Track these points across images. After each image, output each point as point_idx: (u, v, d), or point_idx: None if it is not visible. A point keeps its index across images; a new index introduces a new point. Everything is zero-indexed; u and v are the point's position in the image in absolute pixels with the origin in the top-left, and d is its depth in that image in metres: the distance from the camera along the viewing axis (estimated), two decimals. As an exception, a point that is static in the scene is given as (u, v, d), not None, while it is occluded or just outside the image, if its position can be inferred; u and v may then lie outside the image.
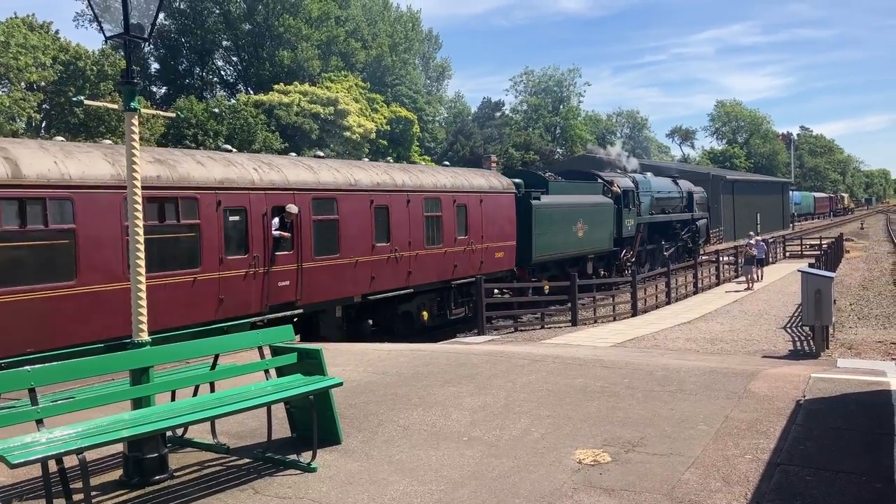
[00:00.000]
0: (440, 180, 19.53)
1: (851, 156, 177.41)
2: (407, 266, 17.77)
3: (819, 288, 13.91)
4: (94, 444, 4.81)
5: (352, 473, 5.94)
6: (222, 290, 13.09)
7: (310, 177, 15.34)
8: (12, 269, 10.17)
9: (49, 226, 10.63)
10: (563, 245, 24.80)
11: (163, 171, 12.33)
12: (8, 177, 10.15)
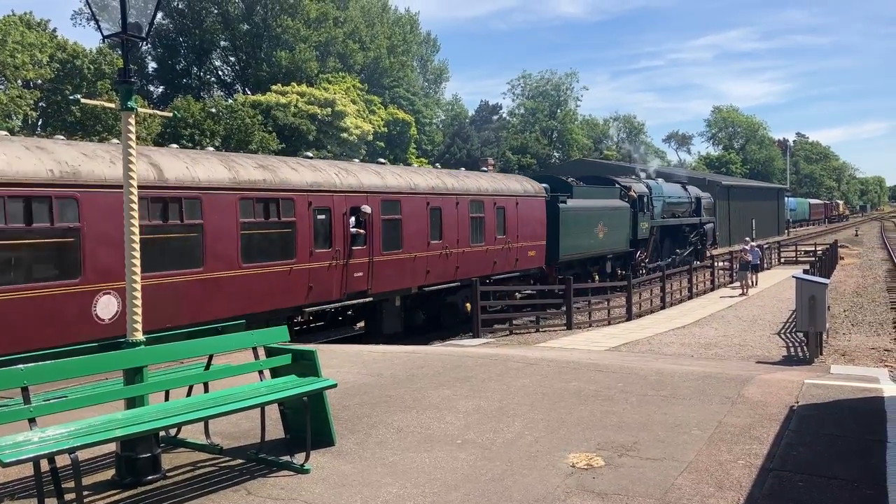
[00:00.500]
0: (483, 185, 21.57)
1: (847, 163, 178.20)
2: (455, 261, 19.71)
3: (813, 294, 13.94)
4: (87, 443, 4.80)
5: (345, 475, 5.93)
6: (311, 279, 15.18)
7: (379, 181, 17.39)
8: (157, 258, 11.85)
9: (184, 221, 12.74)
10: (586, 245, 26.70)
11: (267, 176, 14.48)
12: (155, 180, 12.19)
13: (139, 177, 10.05)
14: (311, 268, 15.12)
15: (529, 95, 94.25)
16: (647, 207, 31.74)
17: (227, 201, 13.44)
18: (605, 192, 29.51)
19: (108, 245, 11.19)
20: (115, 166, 11.58)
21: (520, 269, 22.63)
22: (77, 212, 11.12)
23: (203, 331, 6.97)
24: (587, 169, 49.36)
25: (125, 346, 5.76)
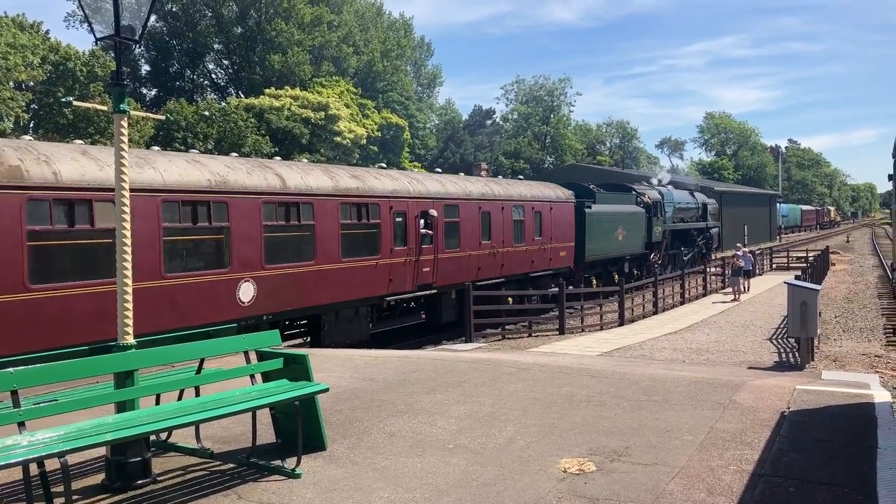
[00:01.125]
0: (523, 191, 24.16)
1: (838, 169, 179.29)
2: (501, 260, 22.29)
3: (805, 300, 13.99)
4: (77, 447, 4.77)
5: (336, 480, 5.91)
6: (392, 272, 17.73)
7: (441, 188, 20.05)
8: (280, 252, 14.76)
9: (301, 222, 15.36)
10: (608, 247, 29.14)
11: (359, 184, 17.06)
12: (280, 188, 14.89)
13: (268, 185, 14.63)
14: (391, 263, 17.77)
15: (523, 100, 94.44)
16: (660, 213, 34.00)
17: (331, 206, 16.02)
18: (623, 198, 31.73)
19: (247, 241, 13.97)
20: (251, 175, 14.46)
21: (553, 268, 25.19)
22: (227, 213, 13.68)
23: (194, 334, 6.95)
24: (581, 174, 49.69)
25: (116, 350, 5.73)
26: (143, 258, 11.37)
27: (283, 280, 14.72)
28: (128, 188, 5.84)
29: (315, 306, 15.52)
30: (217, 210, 13.48)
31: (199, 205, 13.18)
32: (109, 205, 9.72)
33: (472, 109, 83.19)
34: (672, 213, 36.23)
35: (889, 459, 6.32)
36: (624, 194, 32.34)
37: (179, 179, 12.90)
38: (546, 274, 24.78)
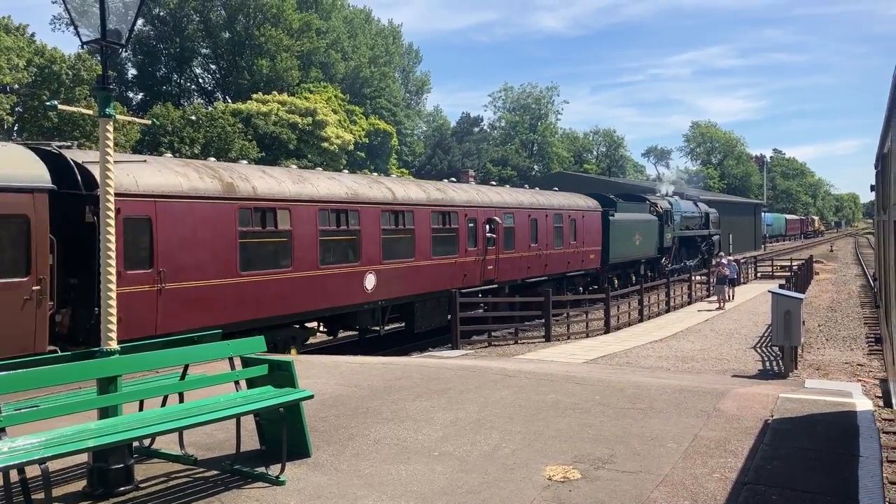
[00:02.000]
0: (562, 201, 27.91)
1: (822, 179, 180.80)
2: (545, 260, 25.77)
3: (789, 309, 14.10)
4: (58, 454, 4.72)
5: (321, 487, 5.89)
6: (465, 269, 21.31)
7: (501, 199, 23.71)
8: (392, 250, 18.25)
9: (405, 226, 18.76)
10: (628, 252, 32.55)
11: (442, 196, 20.84)
12: (391, 199, 18.36)
13: (384, 196, 17.95)
14: (465, 261, 21.35)
15: (510, 108, 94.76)
16: (670, 221, 37.75)
17: (424, 213, 19.46)
18: (639, 207, 35.20)
19: (371, 241, 17.51)
20: (371, 189, 17.97)
21: (584, 269, 29.03)
22: (358, 219, 17.14)
23: (178, 340, 6.90)
24: (567, 182, 50.04)
25: (99, 356, 5.69)
26: (306, 253, 15.60)
27: (394, 273, 18.26)
28: (112, 192, 5.80)
29: (412, 295, 19.09)
30: (352, 216, 17.03)
31: (340, 212, 16.73)
32: (286, 211, 15.16)
33: (459, 116, 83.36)
34: (680, 220, 39.81)
35: (870, 468, 6.37)
36: (639, 204, 35.59)
37: (328, 192, 16.49)
38: (579, 273, 28.66)
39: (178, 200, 13.05)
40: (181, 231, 13.01)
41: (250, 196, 14.42)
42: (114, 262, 5.80)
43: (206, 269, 13.42)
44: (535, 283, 24.85)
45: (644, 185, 60.15)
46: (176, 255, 12.86)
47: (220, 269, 13.63)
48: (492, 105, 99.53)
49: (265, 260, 14.80)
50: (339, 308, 16.53)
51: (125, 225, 11.91)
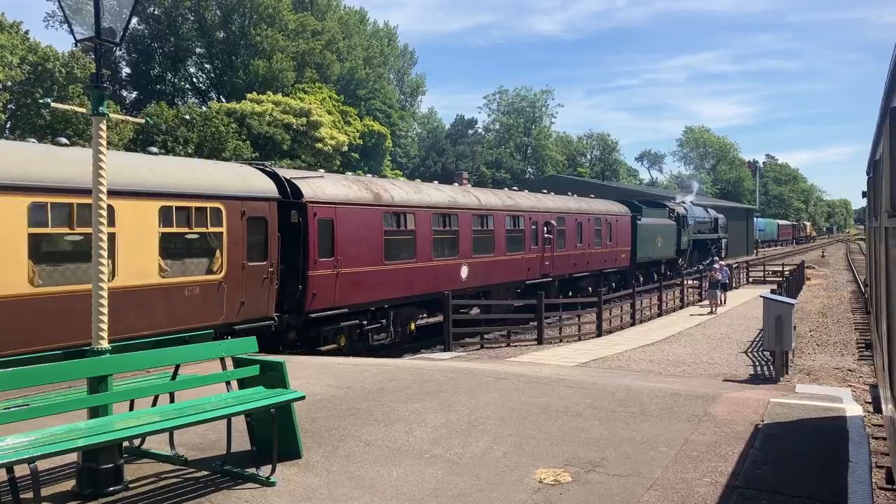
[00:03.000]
0: (599, 207, 31.94)
1: (814, 185, 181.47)
2: (587, 258, 29.59)
3: (780, 314, 14.14)
4: (47, 453, 4.70)
5: (311, 488, 5.88)
6: (529, 264, 25.16)
7: (554, 205, 27.74)
8: (478, 247, 22.02)
9: (487, 228, 22.73)
10: (651, 252, 36.17)
11: (513, 203, 24.66)
12: (477, 205, 22.17)
13: (472, 202, 22.20)
14: (529, 257, 25.16)
15: (505, 111, 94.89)
16: (685, 225, 41.50)
17: (501, 217, 23.50)
18: (660, 212, 38.99)
19: (465, 239, 21.34)
20: (464, 196, 22.12)
21: (617, 267, 32.77)
22: (457, 221, 21.00)
23: (170, 340, 6.88)
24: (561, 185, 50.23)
25: (90, 355, 5.66)
26: (424, 248, 19.56)
27: (480, 265, 22.09)
28: (105, 192, 5.78)
29: (491, 284, 22.92)
30: (452, 219, 20.82)
31: (445, 216, 20.53)
32: (412, 214, 18.99)
33: (454, 119, 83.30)
34: (693, 225, 43.77)
35: (860, 473, 6.39)
36: (661, 209, 39.43)
37: (437, 200, 20.49)
38: (612, 271, 32.37)
39: (348, 206, 16.83)
40: (350, 230, 16.78)
41: (390, 203, 18.43)
42: (105, 263, 5.77)
43: (364, 259, 17.24)
44: (579, 278, 29.19)
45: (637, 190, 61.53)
46: (347, 248, 16.64)
47: (371, 259, 17.50)
48: (486, 108, 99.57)
49: (398, 253, 18.73)
50: (443, 292, 19.15)
51: (318, 225, 15.78)
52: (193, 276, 13.10)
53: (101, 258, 5.73)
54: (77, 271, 11.16)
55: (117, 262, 11.61)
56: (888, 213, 4.85)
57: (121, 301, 10.90)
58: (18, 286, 10.35)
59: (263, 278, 14.34)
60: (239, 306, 13.88)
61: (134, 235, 11.97)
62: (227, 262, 13.65)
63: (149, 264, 12.25)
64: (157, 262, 12.43)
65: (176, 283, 12.72)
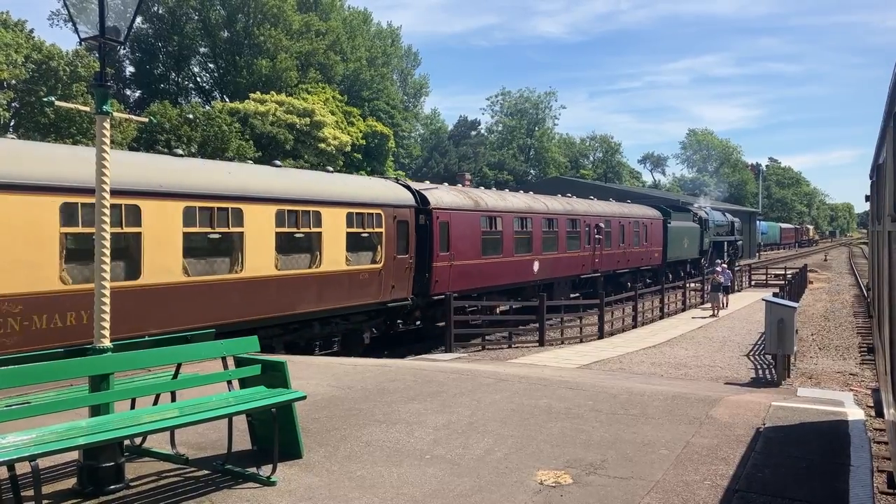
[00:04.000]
0: (637, 211, 36.08)
1: (817, 189, 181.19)
2: (627, 257, 33.69)
3: (782, 317, 14.12)
4: (48, 451, 4.70)
5: (312, 488, 5.88)
6: (582, 261, 29.18)
7: (602, 210, 31.81)
8: (547, 245, 25.77)
9: (553, 229, 26.61)
10: (679, 252, 40.23)
11: (571, 208, 28.71)
12: (545, 210, 26.11)
13: (542, 208, 26.69)
14: (584, 255, 29.16)
15: (508, 113, 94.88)
16: (707, 228, 45.48)
17: (563, 220, 27.51)
18: (686, 216, 43.29)
19: (537, 239, 25.29)
20: (534, 203, 26.06)
21: (651, 265, 37.00)
22: (531, 223, 24.99)
23: (172, 339, 6.89)
24: (563, 187, 50.48)
25: (91, 353, 5.67)
26: (508, 246, 23.57)
27: (547, 262, 25.86)
28: (108, 191, 5.78)
29: (553, 278, 26.82)
30: (528, 221, 24.88)
31: (523, 218, 24.61)
32: (501, 217, 23.03)
33: (457, 120, 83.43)
34: (713, 228, 47.91)
35: (861, 477, 6.38)
36: (686, 213, 43.72)
37: (517, 205, 24.77)
38: (647, 268, 36.52)
39: (458, 211, 20.84)
40: (459, 230, 20.73)
41: (485, 208, 22.52)
42: (108, 262, 5.77)
43: (469, 254, 21.23)
44: (620, 274, 33.10)
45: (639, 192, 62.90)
46: (458, 245, 20.63)
47: (473, 255, 21.49)
48: (489, 109, 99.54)
49: (491, 249, 22.58)
50: (520, 283, 24.30)
51: (440, 226, 19.86)
52: (364, 265, 17.22)
53: (105, 257, 5.73)
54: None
55: (322, 255, 15.70)
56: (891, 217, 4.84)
57: (325, 281, 15.84)
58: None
59: (405, 268, 18.60)
60: (390, 289, 17.98)
61: (333, 235, 16.11)
62: (384, 255, 17.76)
63: (340, 256, 16.30)
64: (345, 254, 16.46)
65: (354, 270, 16.82)
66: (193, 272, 12.96)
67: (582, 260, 28.99)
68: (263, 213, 14.16)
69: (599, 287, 29.13)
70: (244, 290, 13.81)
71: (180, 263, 12.65)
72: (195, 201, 12.97)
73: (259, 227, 14.09)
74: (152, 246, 12.17)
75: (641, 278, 35.31)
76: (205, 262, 13.33)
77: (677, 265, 40.28)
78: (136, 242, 12.06)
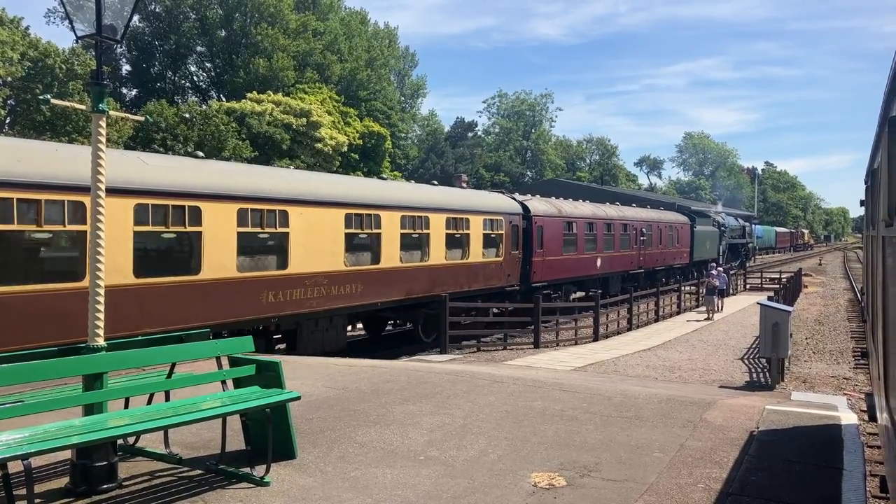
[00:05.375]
0: (670, 218, 41.33)
1: (813, 193, 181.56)
2: (664, 257, 38.84)
3: (777, 321, 14.15)
4: (41, 450, 4.68)
5: (305, 489, 5.87)
6: (631, 259, 34.08)
7: (646, 216, 37.19)
8: (606, 245, 31.01)
9: (611, 232, 31.82)
10: (703, 253, 45.52)
11: (623, 214, 33.84)
12: (605, 216, 31.40)
13: (604, 214, 32.81)
14: (631, 254, 34.23)
15: (505, 114, 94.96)
16: (724, 232, 51.69)
17: (619, 224, 32.63)
18: (707, 221, 48.43)
19: (601, 239, 30.04)
20: (597, 210, 31.25)
21: (681, 264, 41.61)
22: (596, 227, 29.43)
23: (166, 338, 6.87)
24: (560, 189, 51.30)
25: (85, 352, 5.65)
26: (580, 244, 28.60)
27: (606, 259, 30.87)
28: (104, 189, 5.77)
29: (609, 272, 31.53)
30: (594, 225, 29.98)
31: (589, 223, 29.56)
32: (574, 222, 28.01)
33: (454, 121, 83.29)
34: (729, 232, 53.62)
35: (854, 482, 6.40)
36: (707, 219, 48.87)
37: (584, 212, 29.78)
38: (678, 266, 40.88)
39: (547, 217, 26.16)
40: (548, 233, 25.95)
41: (565, 215, 27.67)
42: (103, 261, 5.76)
43: (554, 252, 26.30)
44: (657, 271, 37.53)
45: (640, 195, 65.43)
46: (547, 244, 25.88)
47: (557, 252, 26.54)
48: (486, 111, 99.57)
49: (568, 248, 27.58)
50: (587, 276, 29.46)
51: (537, 229, 25.15)
52: (492, 259, 22.71)
53: (100, 256, 5.72)
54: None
55: (470, 250, 21.44)
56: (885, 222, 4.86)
57: (471, 270, 21.58)
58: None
59: (516, 261, 24.09)
60: (507, 277, 23.52)
61: (476, 235, 21.69)
62: (504, 251, 23.25)
63: (479, 250, 21.95)
64: (482, 250, 22.02)
65: (487, 262, 22.43)
66: (406, 260, 18.69)
67: (630, 258, 34.26)
68: (439, 220, 19.91)
69: (641, 281, 34.57)
70: (428, 273, 19.63)
71: (398, 255, 18.16)
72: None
73: (437, 231, 19.93)
74: (388, 241, 17.85)
75: (673, 275, 39.12)
76: (408, 254, 18.76)
77: (700, 264, 44.77)
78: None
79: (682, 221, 42.55)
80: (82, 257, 11.01)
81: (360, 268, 16.91)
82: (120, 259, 11.58)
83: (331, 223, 15.94)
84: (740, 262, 57.37)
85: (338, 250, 16.09)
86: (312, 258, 15.43)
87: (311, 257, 15.40)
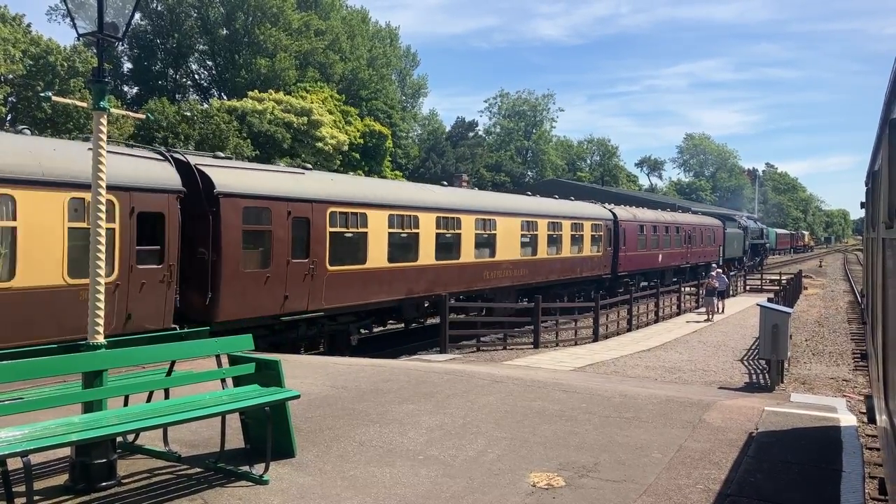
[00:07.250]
0: (707, 221, 47.37)
1: (813, 195, 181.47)
2: (702, 254, 44.20)
3: (776, 322, 14.15)
4: (40, 447, 4.69)
5: (304, 487, 5.87)
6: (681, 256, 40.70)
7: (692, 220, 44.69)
8: (665, 244, 38.31)
9: (668, 234, 39.33)
10: (731, 252, 52.38)
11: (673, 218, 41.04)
12: (660, 220, 39.03)
13: (658, 218, 40.09)
14: (680, 251, 39.75)
15: (506, 114, 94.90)
16: (747, 234, 59.42)
17: (673, 227, 39.05)
18: (733, 224, 55.64)
19: (661, 239, 37.57)
20: (656, 214, 39.61)
21: (709, 260, 45.36)
22: (660, 228, 37.23)
23: (166, 336, 6.88)
24: (560, 189, 50.71)
25: (84, 349, 5.66)
26: (648, 243, 35.77)
27: (664, 255, 37.13)
28: (104, 186, 5.78)
29: (667, 267, 37.88)
30: (659, 228, 36.06)
31: (654, 226, 36.07)
32: (645, 225, 35.36)
33: (455, 121, 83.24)
34: (750, 233, 61.06)
35: (853, 483, 6.40)
36: (733, 222, 56.55)
37: (651, 217, 36.73)
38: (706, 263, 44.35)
39: (628, 221, 32.54)
40: (628, 233, 32.45)
41: (638, 219, 34.25)
42: (103, 257, 5.76)
43: (632, 248, 32.79)
44: (696, 266, 42.65)
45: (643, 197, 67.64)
46: (628, 242, 32.33)
47: (634, 248, 32.65)
48: (487, 110, 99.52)
49: (641, 245, 33.93)
50: (653, 269, 36.01)
51: (621, 231, 31.82)
52: (594, 253, 29.64)
53: (100, 254, 5.72)
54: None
55: (583, 246, 28.62)
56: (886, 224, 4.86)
57: (584, 261, 28.70)
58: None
59: (609, 256, 30.83)
60: (602, 268, 30.29)
61: (587, 235, 28.86)
62: (602, 248, 30.25)
63: (588, 246, 29.00)
64: (590, 246, 29.07)
65: (591, 255, 29.40)
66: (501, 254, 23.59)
67: (680, 255, 40.47)
68: (567, 225, 27.42)
69: (687, 275, 40.32)
70: (561, 262, 27.14)
71: (518, 252, 24.00)
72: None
73: (566, 233, 27.25)
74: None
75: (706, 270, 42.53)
76: (550, 248, 26.26)
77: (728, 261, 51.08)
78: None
79: (716, 224, 49.32)
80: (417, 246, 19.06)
81: (526, 258, 24.63)
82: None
83: (514, 229, 23.84)
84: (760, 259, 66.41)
85: (515, 245, 23.85)
86: (504, 250, 23.23)
87: (504, 250, 23.19)
